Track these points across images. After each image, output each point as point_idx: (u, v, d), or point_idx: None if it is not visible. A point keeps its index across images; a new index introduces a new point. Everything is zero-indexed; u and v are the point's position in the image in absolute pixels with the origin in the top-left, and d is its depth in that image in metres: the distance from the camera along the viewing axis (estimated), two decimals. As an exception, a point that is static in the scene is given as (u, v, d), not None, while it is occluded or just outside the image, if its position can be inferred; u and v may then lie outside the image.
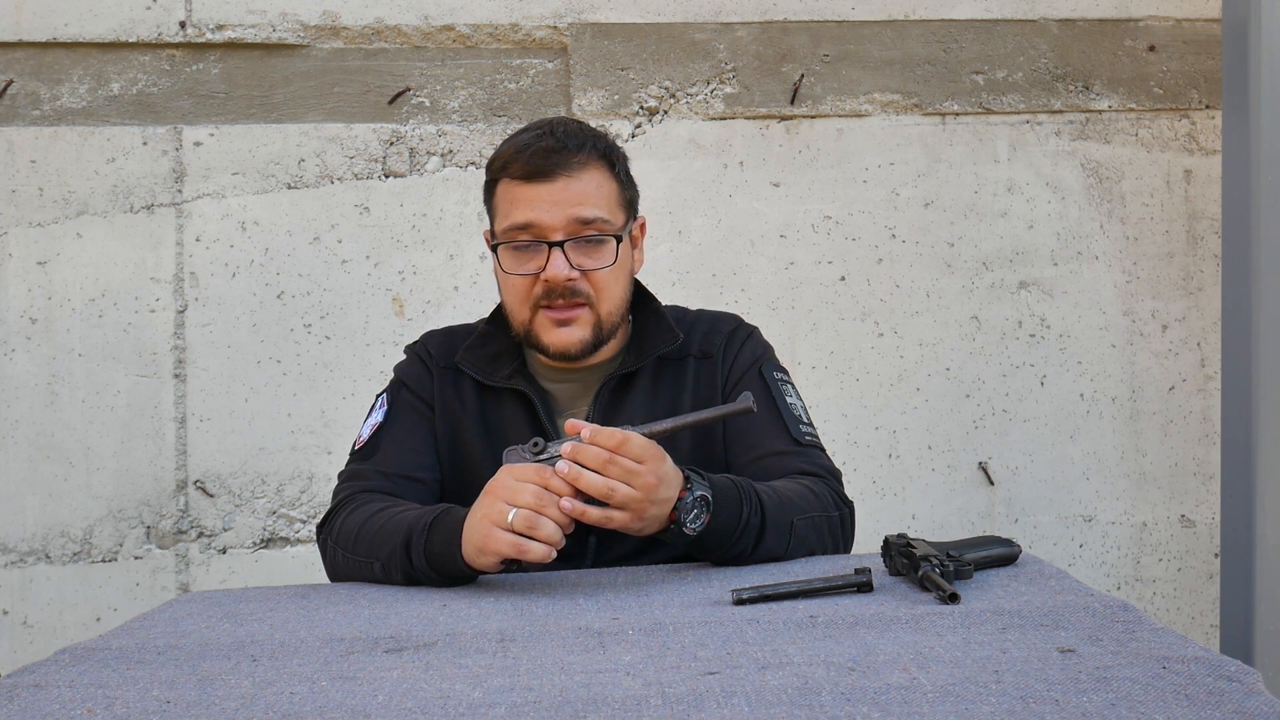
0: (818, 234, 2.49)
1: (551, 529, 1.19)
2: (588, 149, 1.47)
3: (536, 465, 1.22)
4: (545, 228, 1.44)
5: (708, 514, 1.26)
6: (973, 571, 1.20)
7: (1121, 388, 2.53)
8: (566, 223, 1.44)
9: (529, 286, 1.46)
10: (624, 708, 0.83)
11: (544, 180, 1.44)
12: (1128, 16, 2.53)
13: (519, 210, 1.45)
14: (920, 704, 0.81)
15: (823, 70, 2.49)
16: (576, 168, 1.45)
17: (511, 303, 1.50)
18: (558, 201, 1.43)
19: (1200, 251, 2.54)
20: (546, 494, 1.19)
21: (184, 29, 2.40)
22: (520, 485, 1.20)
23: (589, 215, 1.44)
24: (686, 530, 1.26)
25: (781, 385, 1.55)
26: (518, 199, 1.45)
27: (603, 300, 1.47)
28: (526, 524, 1.18)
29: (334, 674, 0.96)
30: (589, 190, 1.45)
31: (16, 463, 2.37)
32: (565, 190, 1.44)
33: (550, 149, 1.44)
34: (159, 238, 2.40)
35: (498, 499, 1.21)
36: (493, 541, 1.20)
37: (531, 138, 1.47)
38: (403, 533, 1.31)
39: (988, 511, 2.51)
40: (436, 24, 2.44)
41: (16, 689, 0.95)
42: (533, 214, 1.44)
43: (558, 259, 1.43)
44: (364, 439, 1.54)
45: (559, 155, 1.44)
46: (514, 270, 1.47)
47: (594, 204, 1.45)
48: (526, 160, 1.44)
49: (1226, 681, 0.84)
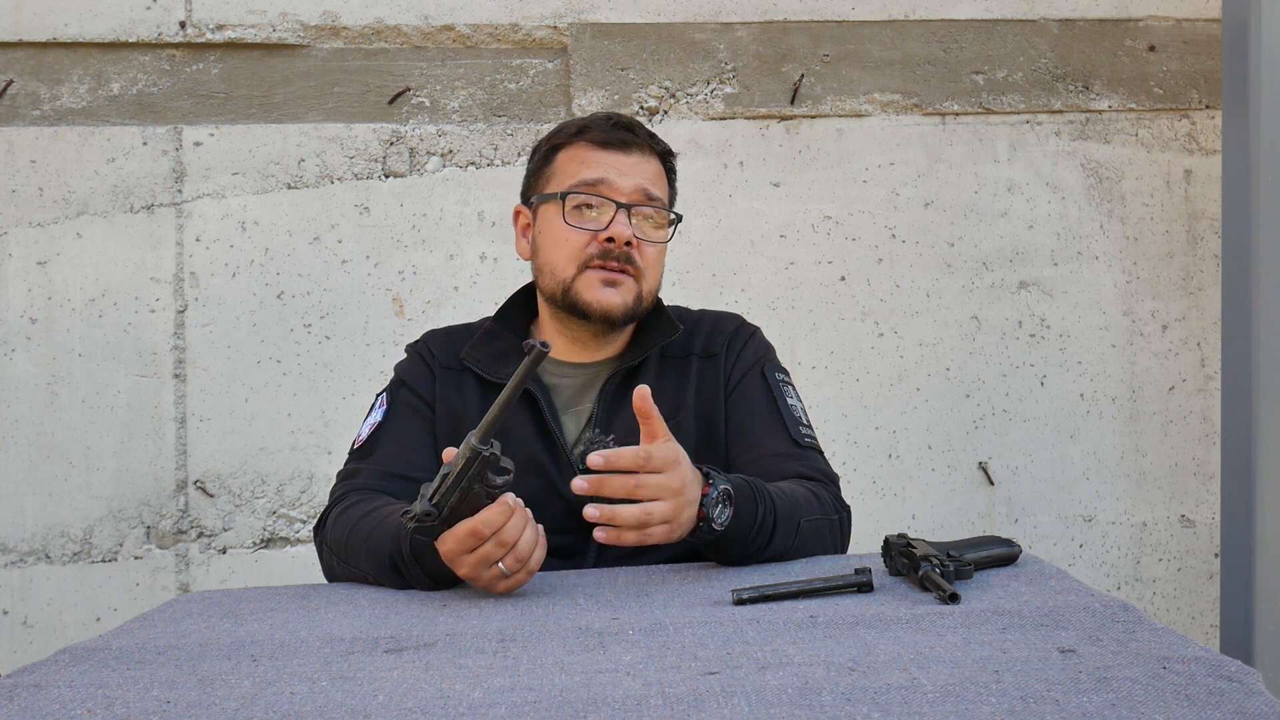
0: (818, 234, 2.49)
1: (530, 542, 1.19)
2: (656, 143, 1.57)
3: (466, 527, 1.16)
4: (617, 189, 1.50)
5: (731, 507, 1.27)
6: (973, 571, 1.20)
7: (1121, 388, 2.53)
8: (635, 190, 1.51)
9: (584, 244, 1.49)
10: (624, 708, 0.83)
11: (620, 150, 1.52)
12: (1128, 16, 2.53)
13: (592, 169, 1.51)
14: (920, 704, 0.81)
15: (823, 70, 2.49)
16: (649, 151, 1.55)
17: (559, 258, 1.51)
18: (630, 171, 1.51)
19: (1200, 251, 2.54)
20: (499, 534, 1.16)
21: (184, 29, 2.40)
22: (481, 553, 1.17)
23: (655, 193, 1.53)
24: (715, 526, 1.26)
25: (782, 386, 1.56)
26: (590, 160, 1.52)
27: (647, 277, 1.52)
28: (517, 561, 1.19)
29: (334, 674, 0.96)
30: (656, 173, 1.55)
31: (16, 463, 2.37)
32: (639, 164, 1.53)
33: (627, 126, 1.54)
34: (159, 238, 2.40)
35: (479, 572, 1.19)
36: (512, 588, 1.22)
37: (605, 116, 1.56)
38: (385, 554, 1.30)
39: (988, 511, 2.51)
40: (436, 24, 2.44)
41: (16, 689, 0.95)
42: (607, 173, 1.50)
43: (622, 219, 1.49)
44: (363, 438, 1.54)
45: (635, 133, 1.54)
46: (576, 224, 1.50)
47: (658, 186, 1.54)
48: (608, 129, 1.53)
49: (1226, 681, 0.84)
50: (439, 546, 1.20)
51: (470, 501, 1.17)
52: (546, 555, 1.24)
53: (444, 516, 1.17)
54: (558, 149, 1.55)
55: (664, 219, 1.54)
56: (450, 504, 1.16)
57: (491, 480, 1.17)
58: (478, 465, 1.15)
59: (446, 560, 1.20)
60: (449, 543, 1.18)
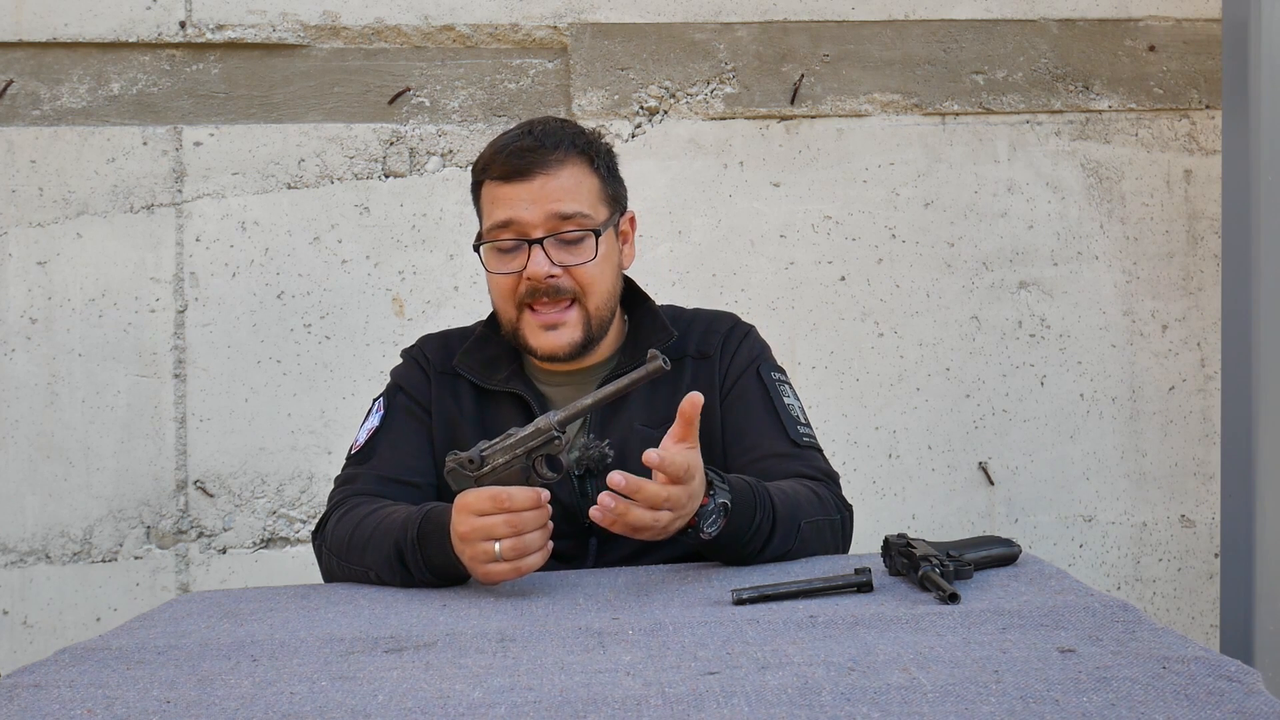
0: (818, 234, 2.49)
1: (537, 541, 1.20)
2: (565, 146, 1.48)
3: (490, 492, 1.19)
4: (525, 225, 1.45)
5: (724, 519, 1.27)
6: (973, 571, 1.21)
7: (1121, 388, 2.53)
8: (546, 219, 1.45)
9: (514, 286, 1.48)
10: (624, 708, 0.83)
11: (522, 179, 1.46)
12: (1128, 16, 2.53)
13: (499, 209, 1.47)
14: (920, 704, 0.81)
15: (823, 70, 2.49)
16: (554, 165, 1.47)
17: (498, 303, 1.52)
18: (536, 199, 1.45)
19: (1200, 251, 2.54)
20: (515, 516, 1.19)
21: (184, 29, 2.40)
22: (489, 522, 1.19)
23: (568, 210, 1.46)
24: (703, 535, 1.27)
25: (779, 386, 1.55)
26: (498, 199, 1.47)
27: (590, 296, 1.48)
28: (515, 551, 1.20)
29: (334, 674, 0.96)
30: (567, 186, 1.47)
31: (16, 463, 2.37)
32: (543, 188, 1.45)
33: (527, 148, 1.47)
34: (159, 238, 2.40)
35: (474, 540, 1.21)
36: (493, 577, 1.22)
37: (510, 138, 1.50)
38: (392, 544, 1.32)
39: (988, 511, 2.51)
40: (436, 24, 2.44)
41: (16, 689, 0.95)
42: (512, 212, 1.46)
43: (538, 256, 1.45)
44: (360, 443, 1.54)
45: (535, 154, 1.46)
46: (498, 270, 1.48)
47: (573, 199, 1.47)
48: (504, 160, 1.47)
49: (1226, 681, 0.84)
50: (459, 496, 1.22)
51: (511, 473, 1.19)
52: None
53: (483, 472, 1.18)
54: (479, 185, 1.53)
55: (588, 229, 1.47)
56: (495, 464, 1.18)
57: (543, 469, 1.19)
58: (542, 443, 1.17)
59: (455, 511, 1.22)
60: (469, 496, 1.21)
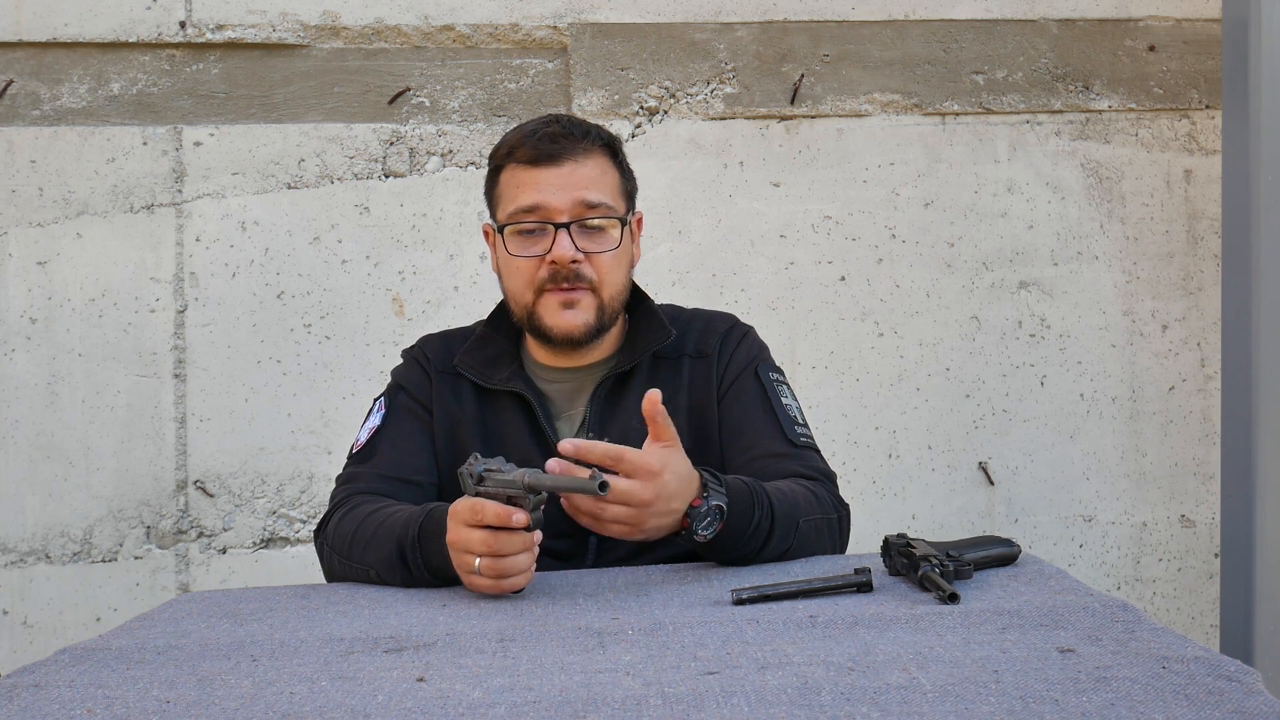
0: (818, 234, 2.49)
1: (518, 564, 1.19)
2: (592, 137, 1.50)
3: (470, 503, 1.19)
4: (552, 209, 1.46)
5: (720, 522, 1.27)
6: (973, 571, 1.21)
7: (1121, 388, 2.53)
8: (572, 205, 1.46)
9: (534, 270, 1.47)
10: (624, 708, 0.83)
11: (551, 164, 1.46)
12: (1128, 16, 2.53)
13: (525, 193, 1.47)
14: (920, 704, 0.81)
15: (823, 70, 2.49)
16: (582, 154, 1.48)
17: (515, 287, 1.51)
18: (564, 185, 1.46)
19: (1200, 251, 2.54)
20: (492, 536, 1.18)
21: (184, 29, 2.40)
22: (468, 535, 1.19)
23: (594, 199, 1.47)
24: (697, 537, 1.27)
25: (777, 386, 1.55)
26: (524, 182, 1.47)
27: (605, 285, 1.49)
28: (493, 570, 1.19)
29: (334, 674, 0.96)
30: (594, 175, 1.48)
31: (16, 463, 2.37)
32: (571, 174, 1.46)
33: (557, 134, 1.47)
34: (159, 238, 2.40)
35: (459, 550, 1.21)
36: (476, 588, 1.22)
37: (537, 124, 1.50)
38: (394, 542, 1.32)
39: (988, 511, 2.51)
40: (436, 24, 2.44)
41: (16, 689, 0.95)
42: (539, 196, 1.46)
43: (564, 240, 1.45)
44: (361, 442, 1.54)
45: (565, 140, 1.47)
46: (520, 253, 1.48)
47: (599, 189, 1.48)
48: (534, 145, 1.47)
49: (1226, 681, 0.84)
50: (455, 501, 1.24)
51: (501, 495, 1.21)
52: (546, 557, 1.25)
53: (480, 490, 1.22)
54: (499, 170, 1.52)
55: (612, 222, 1.48)
56: (492, 482, 1.21)
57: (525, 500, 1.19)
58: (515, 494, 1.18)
59: (448, 515, 1.23)
60: (459, 503, 1.22)
